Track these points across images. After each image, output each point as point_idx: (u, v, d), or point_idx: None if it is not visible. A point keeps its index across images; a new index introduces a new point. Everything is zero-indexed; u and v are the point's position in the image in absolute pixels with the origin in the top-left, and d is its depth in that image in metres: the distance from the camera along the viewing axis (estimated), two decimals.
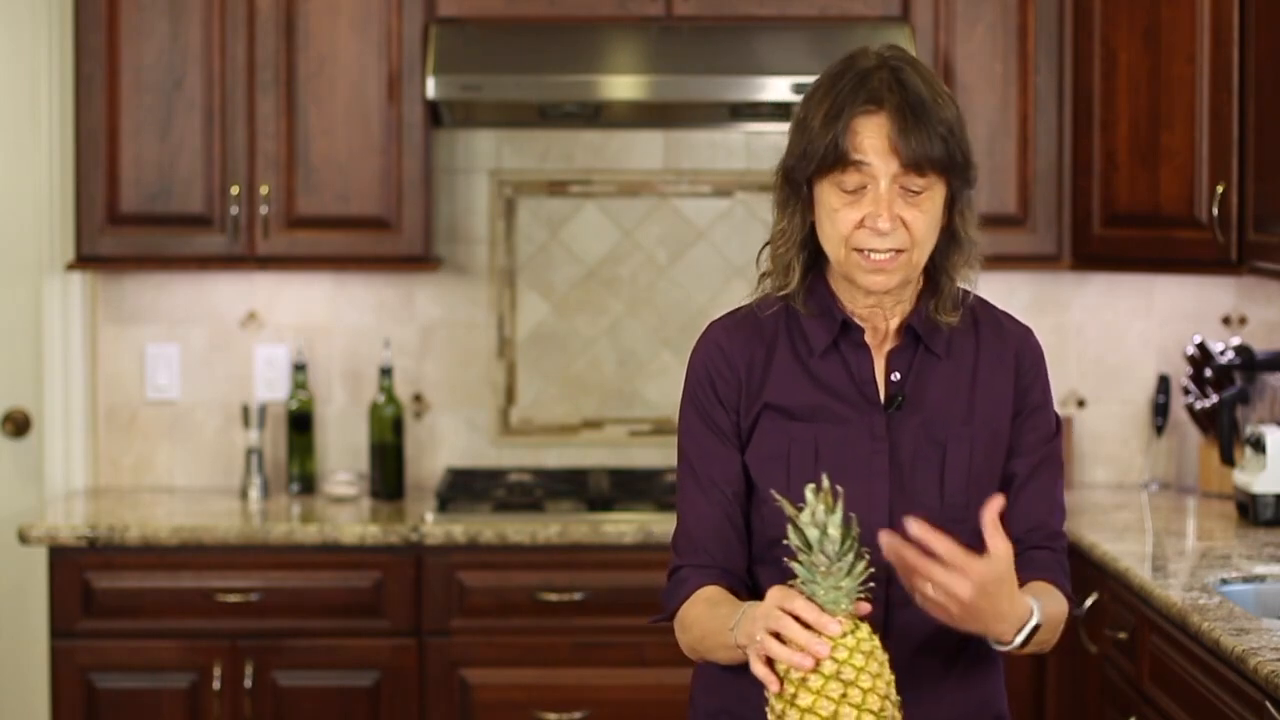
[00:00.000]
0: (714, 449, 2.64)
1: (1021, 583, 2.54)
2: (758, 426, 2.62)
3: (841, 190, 2.53)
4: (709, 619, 2.56)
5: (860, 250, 2.54)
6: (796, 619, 2.30)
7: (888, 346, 2.63)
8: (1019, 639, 2.45)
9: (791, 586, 2.32)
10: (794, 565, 2.29)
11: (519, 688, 4.61)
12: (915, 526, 2.34)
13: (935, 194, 2.55)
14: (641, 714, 4.60)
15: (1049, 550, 2.64)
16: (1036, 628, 2.45)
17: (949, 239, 2.61)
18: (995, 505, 2.37)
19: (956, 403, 2.61)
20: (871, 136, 2.51)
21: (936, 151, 2.51)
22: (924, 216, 2.53)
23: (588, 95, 4.73)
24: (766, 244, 2.66)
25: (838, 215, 2.54)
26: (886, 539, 2.36)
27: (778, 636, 2.30)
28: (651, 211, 5.16)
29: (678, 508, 2.69)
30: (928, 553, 2.35)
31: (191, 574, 4.57)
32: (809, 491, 2.28)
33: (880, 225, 2.51)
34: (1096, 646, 4.24)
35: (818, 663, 2.26)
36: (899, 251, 2.54)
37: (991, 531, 2.36)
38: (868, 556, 2.30)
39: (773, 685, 2.30)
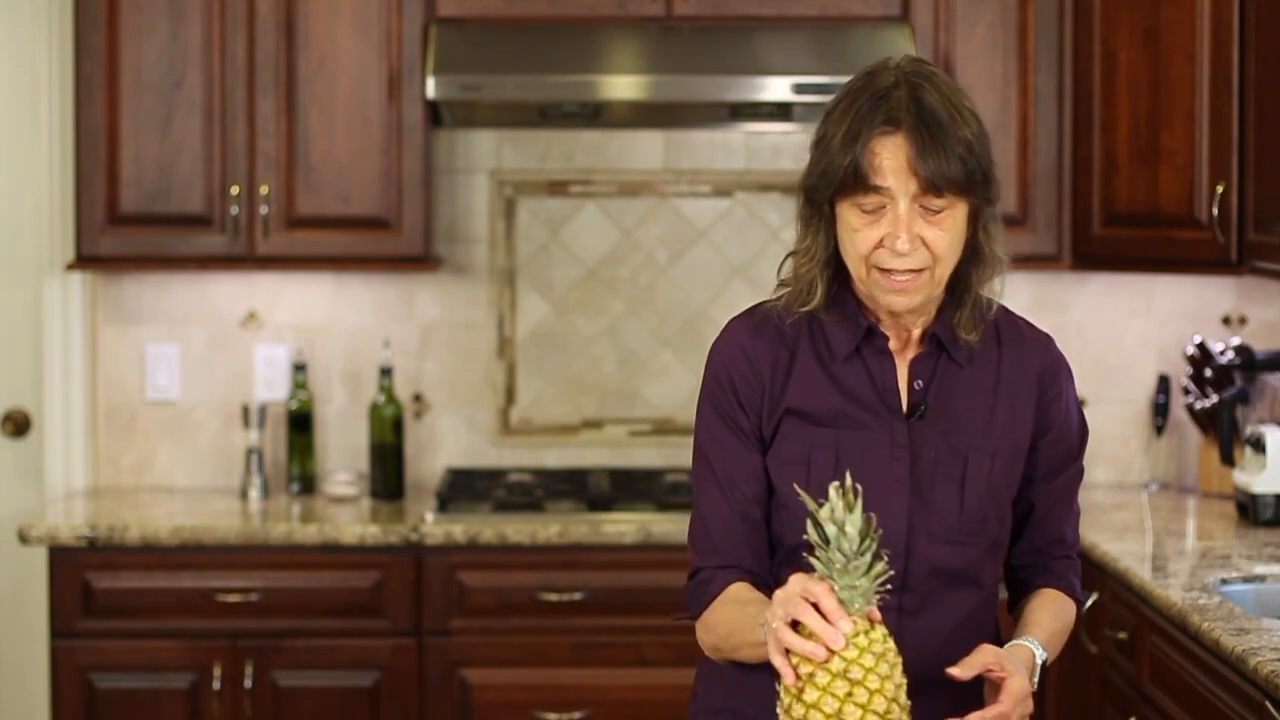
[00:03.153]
0: (734, 448, 2.63)
1: (1035, 588, 2.72)
2: (779, 430, 2.61)
3: (861, 211, 2.52)
4: (739, 617, 2.55)
5: (881, 269, 2.52)
6: (816, 608, 2.29)
7: (911, 354, 2.63)
8: (1035, 681, 2.56)
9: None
10: (812, 560, 2.29)
11: (519, 688, 4.60)
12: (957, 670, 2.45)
13: (957, 212, 2.53)
14: (642, 714, 4.59)
15: (1064, 558, 2.73)
16: (1045, 663, 2.58)
17: (972, 253, 2.58)
18: (984, 662, 2.47)
19: (978, 413, 2.61)
20: (890, 158, 2.49)
21: (954, 172, 2.49)
22: (945, 235, 2.51)
23: (588, 95, 4.72)
24: (790, 254, 2.65)
25: (858, 236, 2.52)
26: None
27: (794, 626, 2.31)
28: (651, 211, 5.16)
29: (697, 507, 2.67)
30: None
31: (191, 574, 4.57)
32: (831, 489, 2.28)
33: (899, 246, 2.49)
34: (1096, 646, 4.23)
35: (828, 658, 2.26)
36: (919, 271, 2.52)
37: (994, 677, 2.47)
38: (886, 557, 2.29)
39: (788, 677, 2.29)
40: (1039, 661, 2.56)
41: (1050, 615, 2.66)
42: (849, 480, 2.29)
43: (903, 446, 2.57)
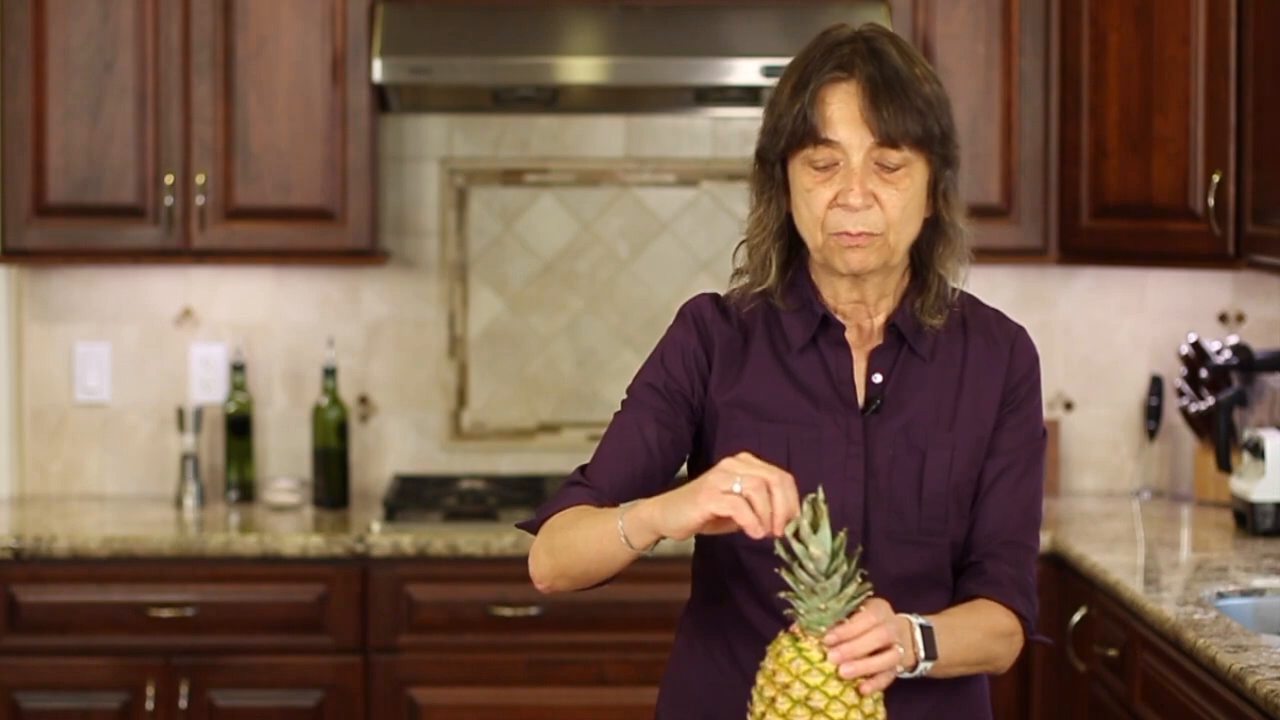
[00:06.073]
0: (658, 400, 2.62)
1: (966, 596, 2.56)
2: (726, 424, 2.60)
3: (813, 168, 2.51)
4: (594, 513, 2.49)
5: (835, 234, 2.51)
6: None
7: (870, 345, 2.61)
8: (919, 650, 2.40)
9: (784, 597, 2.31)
10: (784, 575, 2.27)
11: (471, 708, 4.57)
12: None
13: (914, 172, 2.51)
14: None
15: (1005, 563, 2.57)
16: (927, 629, 2.40)
17: (934, 229, 2.57)
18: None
19: (940, 408, 2.59)
20: (840, 106, 2.48)
21: (912, 124, 2.48)
22: (900, 196, 2.49)
23: (544, 78, 4.72)
24: (742, 241, 2.65)
25: (810, 195, 2.51)
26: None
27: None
28: (612, 202, 5.14)
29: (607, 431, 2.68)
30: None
31: (123, 587, 4.55)
32: (806, 503, 2.26)
33: (852, 200, 2.47)
34: (1085, 664, 4.23)
35: (788, 685, 2.26)
36: (874, 235, 2.50)
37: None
38: (861, 579, 2.27)
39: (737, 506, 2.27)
40: (915, 623, 2.39)
41: (961, 610, 2.51)
42: (820, 494, 2.25)
43: (857, 443, 2.56)
